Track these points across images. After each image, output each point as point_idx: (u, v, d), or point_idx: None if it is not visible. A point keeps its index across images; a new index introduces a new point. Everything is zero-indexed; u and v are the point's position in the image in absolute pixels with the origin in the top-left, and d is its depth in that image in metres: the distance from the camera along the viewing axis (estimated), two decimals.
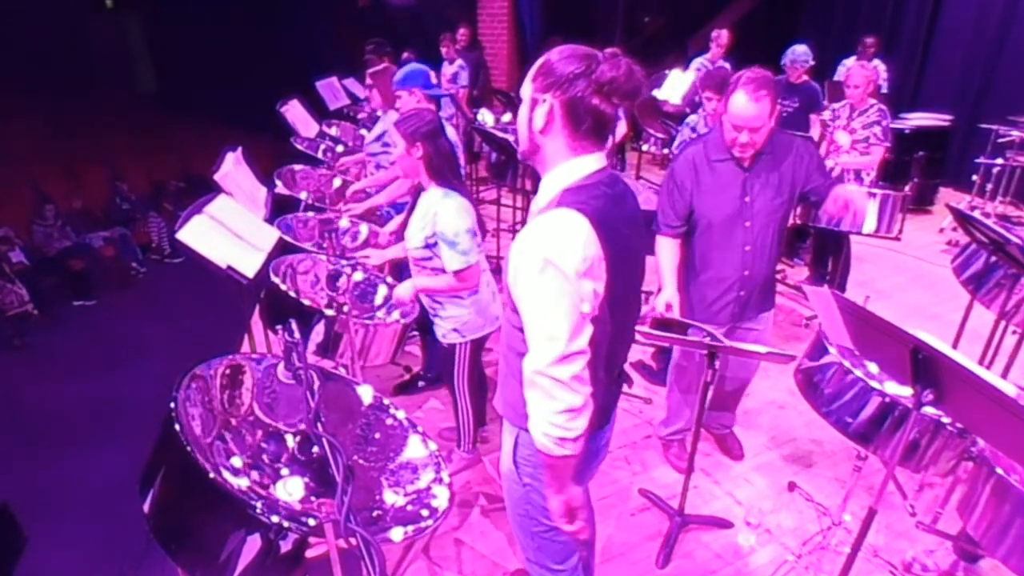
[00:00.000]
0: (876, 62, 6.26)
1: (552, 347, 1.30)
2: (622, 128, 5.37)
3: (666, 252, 2.56)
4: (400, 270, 3.10)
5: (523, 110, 1.41)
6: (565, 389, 1.32)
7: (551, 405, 1.34)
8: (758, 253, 2.47)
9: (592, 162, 1.39)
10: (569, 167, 1.39)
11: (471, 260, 2.35)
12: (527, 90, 1.40)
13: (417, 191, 2.57)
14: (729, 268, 2.50)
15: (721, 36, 6.06)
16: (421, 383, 3.56)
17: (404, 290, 2.54)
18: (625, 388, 2.62)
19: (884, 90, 6.27)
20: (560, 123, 1.36)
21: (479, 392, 2.78)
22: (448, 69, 6.69)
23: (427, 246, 2.41)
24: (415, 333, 3.46)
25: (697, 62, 6.17)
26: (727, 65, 6.39)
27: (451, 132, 3.04)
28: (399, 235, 3.25)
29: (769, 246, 2.48)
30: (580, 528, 1.52)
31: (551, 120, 1.36)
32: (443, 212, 2.33)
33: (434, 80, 3.24)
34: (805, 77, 4.91)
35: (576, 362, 1.32)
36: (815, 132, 4.84)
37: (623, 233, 1.40)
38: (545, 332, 1.31)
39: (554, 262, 1.28)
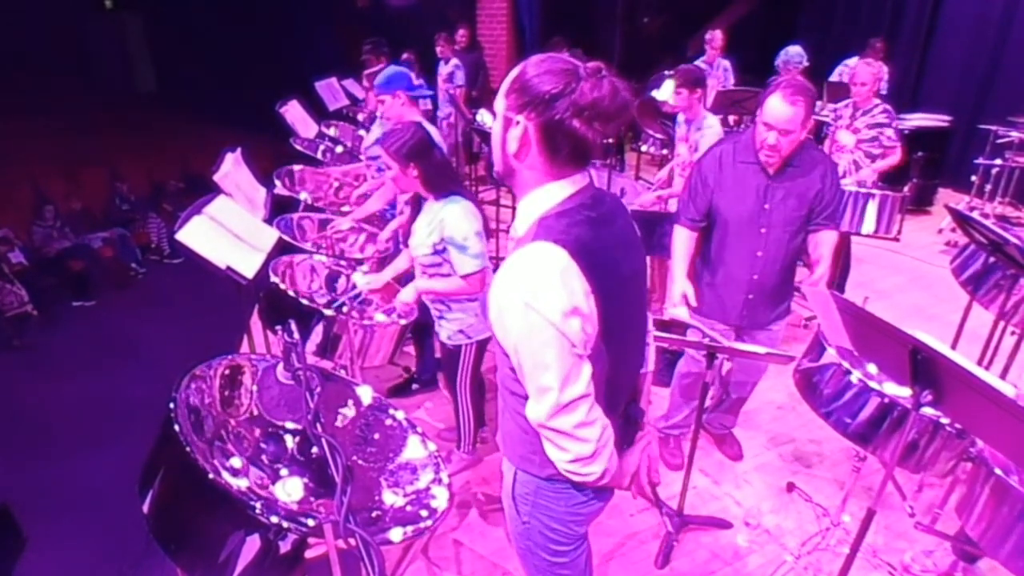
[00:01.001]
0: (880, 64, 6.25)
1: (546, 399, 1.22)
2: None
3: (680, 243, 2.57)
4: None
5: (496, 127, 1.28)
6: (571, 440, 1.26)
7: (562, 455, 1.29)
8: (770, 260, 2.47)
9: (571, 185, 1.26)
10: (546, 192, 1.26)
11: (483, 263, 2.33)
12: (500, 106, 1.25)
13: (416, 198, 2.55)
14: (739, 270, 2.51)
15: (715, 39, 6.07)
16: (415, 385, 3.55)
17: (406, 293, 2.52)
18: None
19: (883, 91, 6.28)
20: (536, 148, 1.22)
21: (479, 393, 2.78)
22: (444, 69, 6.70)
23: (436, 252, 2.38)
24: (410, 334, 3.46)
25: None
26: (727, 63, 6.42)
27: (433, 131, 3.01)
28: (396, 241, 3.25)
29: (783, 255, 2.48)
30: (638, 489, 1.49)
31: (526, 144, 1.22)
32: (450, 217, 2.30)
33: (415, 81, 3.21)
34: (799, 78, 4.90)
35: (577, 410, 1.24)
36: None
37: (613, 257, 1.29)
38: (536, 383, 1.23)
39: (534, 306, 1.16)
